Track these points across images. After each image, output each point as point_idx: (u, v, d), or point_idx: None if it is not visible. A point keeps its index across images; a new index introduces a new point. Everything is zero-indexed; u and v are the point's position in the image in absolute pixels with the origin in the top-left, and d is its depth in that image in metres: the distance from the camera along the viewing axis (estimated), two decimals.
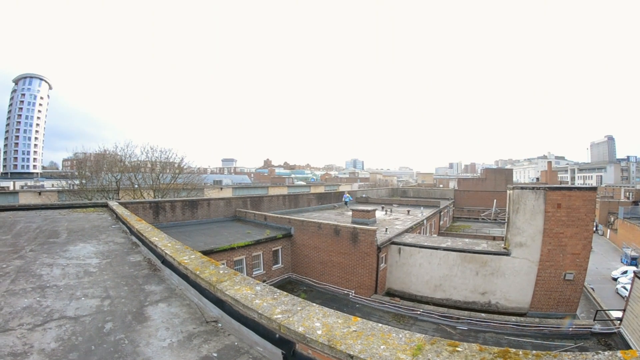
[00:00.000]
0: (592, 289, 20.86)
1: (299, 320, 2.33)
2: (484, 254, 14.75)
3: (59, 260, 5.68)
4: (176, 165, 32.97)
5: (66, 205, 14.54)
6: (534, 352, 1.83)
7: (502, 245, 15.15)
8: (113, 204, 12.74)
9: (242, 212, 23.09)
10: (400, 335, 2.08)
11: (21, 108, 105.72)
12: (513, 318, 12.92)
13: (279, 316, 2.41)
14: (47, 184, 59.38)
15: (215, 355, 2.64)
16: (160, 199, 22.73)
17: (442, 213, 34.48)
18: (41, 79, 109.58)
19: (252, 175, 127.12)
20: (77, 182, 31.92)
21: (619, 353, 1.72)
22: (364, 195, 42.58)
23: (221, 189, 38.70)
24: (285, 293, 2.87)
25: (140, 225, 7.18)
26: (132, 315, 3.44)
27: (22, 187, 59.97)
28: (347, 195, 36.07)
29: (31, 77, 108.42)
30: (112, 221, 10.05)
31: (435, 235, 27.26)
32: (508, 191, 14.97)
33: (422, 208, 33.42)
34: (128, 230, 7.91)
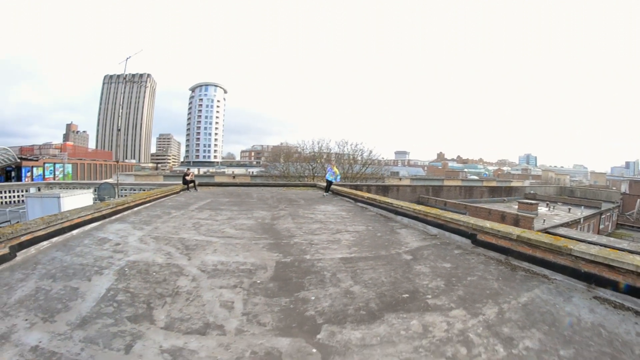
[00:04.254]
0: None
1: (476, 222, 5.99)
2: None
3: (314, 212, 10.24)
4: (365, 156, 39.11)
5: (280, 184, 20.26)
6: None
7: None
8: (322, 184, 18.35)
9: (425, 198, 27.82)
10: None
11: (200, 110, 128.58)
12: None
13: (471, 221, 6.08)
14: (228, 171, 71.84)
15: (438, 243, 6.37)
16: (358, 183, 28.88)
17: (603, 216, 34.04)
18: (216, 86, 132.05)
19: (426, 167, 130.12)
20: (256, 169, 40.93)
21: None
22: (532, 192, 44.34)
23: (400, 179, 43.40)
24: (472, 218, 6.48)
25: (369, 195, 11.56)
26: (389, 232, 7.51)
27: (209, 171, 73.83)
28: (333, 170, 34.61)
29: (207, 85, 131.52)
30: (330, 195, 14.71)
31: (590, 233, 28.13)
32: None
33: (582, 208, 33.98)
34: (352, 200, 12.31)
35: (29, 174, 63.10)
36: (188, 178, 16.12)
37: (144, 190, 19.67)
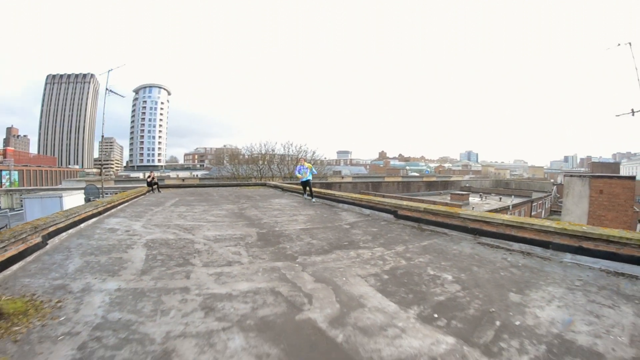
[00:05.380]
0: None
1: (397, 202, 8.20)
2: None
3: (271, 204, 12.35)
4: (309, 157, 41.77)
5: (234, 184, 22.08)
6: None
7: None
8: (271, 183, 20.19)
9: (365, 193, 29.79)
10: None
11: (144, 112, 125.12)
12: None
13: (393, 201, 8.27)
14: (172, 174, 71.74)
15: (370, 219, 8.52)
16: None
17: (534, 204, 38.25)
18: (160, 87, 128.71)
19: (368, 166, 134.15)
20: (200, 172, 43.02)
21: None
22: (467, 185, 48.69)
23: (342, 177, 46.12)
24: (396, 197, 8.65)
25: (314, 189, 13.66)
26: (333, 214, 9.63)
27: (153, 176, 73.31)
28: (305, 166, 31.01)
29: (151, 87, 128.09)
30: (280, 192, 16.72)
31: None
32: (565, 178, 18.48)
33: (513, 197, 38.05)
34: (300, 195, 14.34)
35: None
36: (150, 180, 17.61)
37: (116, 192, 20.89)
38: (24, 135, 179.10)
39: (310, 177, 12.78)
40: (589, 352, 2.45)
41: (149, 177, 18.08)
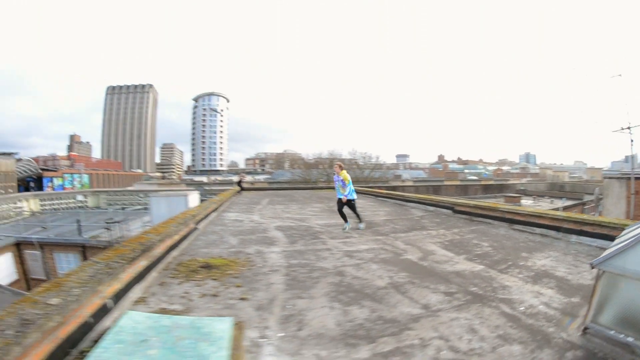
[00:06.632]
0: None
1: (454, 200, 10.72)
2: None
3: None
4: (374, 162, 44.98)
5: (309, 187, 25.22)
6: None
7: None
8: None
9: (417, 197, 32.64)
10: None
11: (204, 119, 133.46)
12: None
13: (450, 200, 10.81)
14: (235, 178, 76.73)
15: (433, 213, 11.06)
16: (371, 185, 34.08)
17: (586, 207, 38.81)
18: (218, 95, 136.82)
19: (427, 170, 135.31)
20: (262, 176, 47.23)
21: None
22: (522, 188, 49.99)
23: (403, 181, 48.85)
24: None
25: (386, 191, 16.22)
26: (405, 210, 12.29)
27: (214, 180, 78.83)
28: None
29: (210, 95, 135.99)
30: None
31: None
32: (605, 180, 19.67)
33: (564, 199, 38.73)
34: (374, 196, 17.31)
35: (50, 184, 67.44)
36: (243, 184, 21.03)
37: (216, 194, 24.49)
38: (87, 142, 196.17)
39: (349, 195, 8.82)
40: (561, 278, 4.75)
41: (239, 179, 21.53)
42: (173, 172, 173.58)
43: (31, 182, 64.78)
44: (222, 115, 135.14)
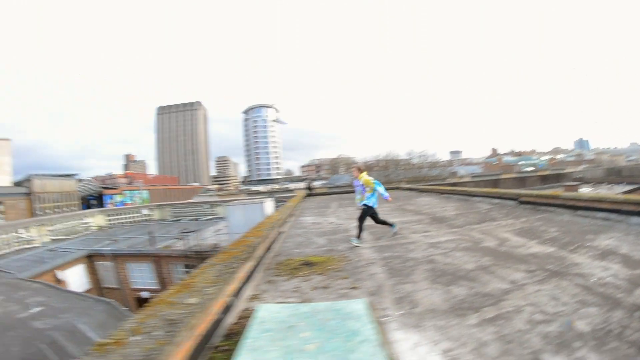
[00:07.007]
0: None
1: (517, 191, 11.53)
2: None
3: (417, 201, 16.15)
4: (431, 160, 46.33)
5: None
6: None
7: None
8: (404, 186, 24.84)
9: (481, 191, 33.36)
10: None
11: (256, 131, 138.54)
12: None
13: (514, 191, 11.61)
14: (292, 186, 79.19)
15: (499, 206, 11.88)
16: (431, 183, 35.04)
17: None
18: (268, 107, 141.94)
19: (481, 165, 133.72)
20: (318, 182, 49.11)
21: None
22: (579, 176, 49.00)
23: (460, 178, 49.32)
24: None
25: (450, 187, 17.04)
26: (471, 204, 13.20)
27: (270, 189, 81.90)
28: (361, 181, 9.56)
29: (259, 107, 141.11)
30: (417, 193, 20.59)
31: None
32: None
33: (623, 184, 37.48)
34: (437, 194, 18.08)
35: (111, 200, 72.43)
36: (313, 189, 22.71)
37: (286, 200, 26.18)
38: (141, 160, 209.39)
39: (370, 203, 7.98)
40: (625, 255, 5.43)
41: (309, 185, 23.38)
42: (229, 183, 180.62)
43: (92, 200, 69.94)
44: (285, 124, 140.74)
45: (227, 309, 3.62)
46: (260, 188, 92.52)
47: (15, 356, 10.32)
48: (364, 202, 7.99)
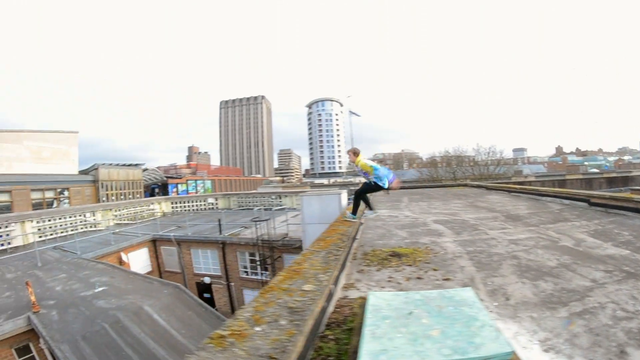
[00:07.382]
0: None
1: (589, 192, 11.87)
2: None
3: (488, 199, 16.82)
4: (498, 157, 46.44)
5: (439, 185, 26.99)
6: None
7: None
8: (472, 183, 24.69)
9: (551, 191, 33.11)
10: None
11: (320, 124, 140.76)
12: None
13: (585, 192, 11.94)
14: (355, 180, 79.82)
15: (570, 206, 12.27)
16: (498, 181, 35.63)
17: None
18: (332, 100, 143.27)
19: (546, 164, 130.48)
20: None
21: None
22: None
23: (525, 177, 48.49)
24: None
25: (520, 186, 17.34)
26: (542, 204, 13.74)
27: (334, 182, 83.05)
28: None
29: (323, 100, 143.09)
30: (485, 190, 20.99)
31: None
32: None
33: None
34: (507, 192, 18.41)
35: (174, 189, 76.44)
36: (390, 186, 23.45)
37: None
38: (205, 152, 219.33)
39: (380, 183, 8.83)
40: None
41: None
42: (292, 175, 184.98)
43: (156, 188, 74.39)
44: (359, 117, 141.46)
45: (329, 297, 3.61)
46: (324, 181, 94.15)
47: (76, 332, 10.82)
48: (377, 181, 8.83)
